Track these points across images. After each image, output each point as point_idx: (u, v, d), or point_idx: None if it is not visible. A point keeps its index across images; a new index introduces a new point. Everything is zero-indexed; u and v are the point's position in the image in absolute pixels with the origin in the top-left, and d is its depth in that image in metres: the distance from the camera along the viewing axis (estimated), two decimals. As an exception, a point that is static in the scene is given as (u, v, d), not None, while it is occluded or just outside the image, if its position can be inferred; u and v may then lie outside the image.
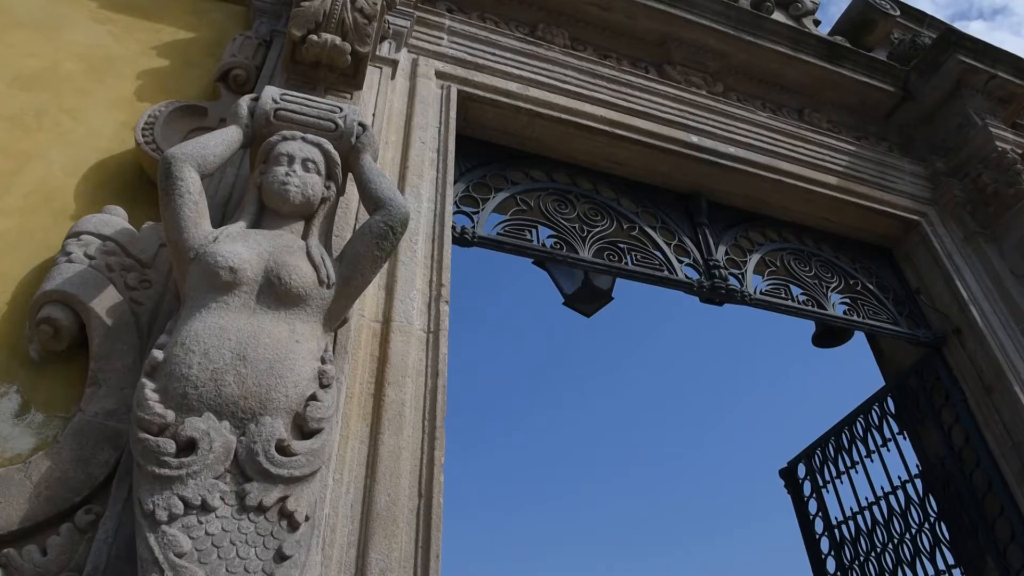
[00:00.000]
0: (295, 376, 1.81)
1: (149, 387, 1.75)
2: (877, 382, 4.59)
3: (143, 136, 2.67)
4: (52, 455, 1.90)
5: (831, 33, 5.34)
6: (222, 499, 1.64)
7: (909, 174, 4.61)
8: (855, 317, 4.12)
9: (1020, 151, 4.45)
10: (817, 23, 5.45)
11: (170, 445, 1.67)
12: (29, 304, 2.18)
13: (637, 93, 3.98)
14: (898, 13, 5.35)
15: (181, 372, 1.74)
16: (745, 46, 4.44)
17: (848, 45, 4.92)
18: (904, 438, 4.25)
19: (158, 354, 1.81)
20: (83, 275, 2.19)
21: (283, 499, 1.69)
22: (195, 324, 1.83)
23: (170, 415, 1.70)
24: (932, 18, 5.58)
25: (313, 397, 1.82)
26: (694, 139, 3.98)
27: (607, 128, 3.80)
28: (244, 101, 2.35)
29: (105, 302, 2.17)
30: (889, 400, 4.40)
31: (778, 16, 5.03)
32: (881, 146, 4.73)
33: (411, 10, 3.45)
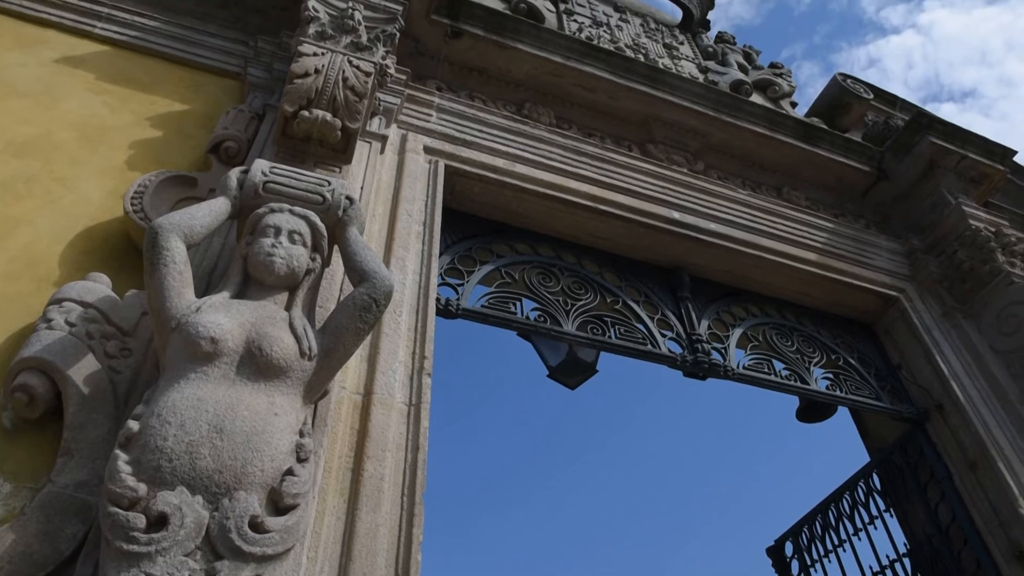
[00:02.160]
0: (272, 450, 1.79)
1: (122, 459, 1.72)
2: (862, 457, 4.57)
3: (132, 205, 2.70)
4: (17, 528, 1.84)
5: (808, 115, 5.55)
6: (191, 578, 1.59)
7: (886, 251, 4.71)
8: (838, 392, 4.13)
9: (993, 229, 4.57)
10: (794, 105, 5.66)
11: (140, 520, 1.63)
12: (5, 371, 2.16)
13: (620, 170, 4.09)
14: (871, 96, 5.58)
15: (156, 444, 1.72)
16: (725, 126, 4.59)
17: (824, 126, 5.10)
18: (891, 515, 4.21)
19: (133, 425, 1.79)
20: (62, 342, 2.18)
21: (255, 578, 1.64)
22: (173, 395, 1.82)
23: (142, 488, 1.67)
24: (904, 101, 5.82)
25: (290, 472, 1.79)
26: (676, 215, 4.07)
27: (591, 204, 3.88)
28: (234, 173, 2.40)
29: (83, 370, 2.15)
30: (874, 476, 4.37)
31: (756, 98, 5.23)
32: (859, 223, 4.85)
33: (402, 88, 3.56)
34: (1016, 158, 5.08)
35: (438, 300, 3.14)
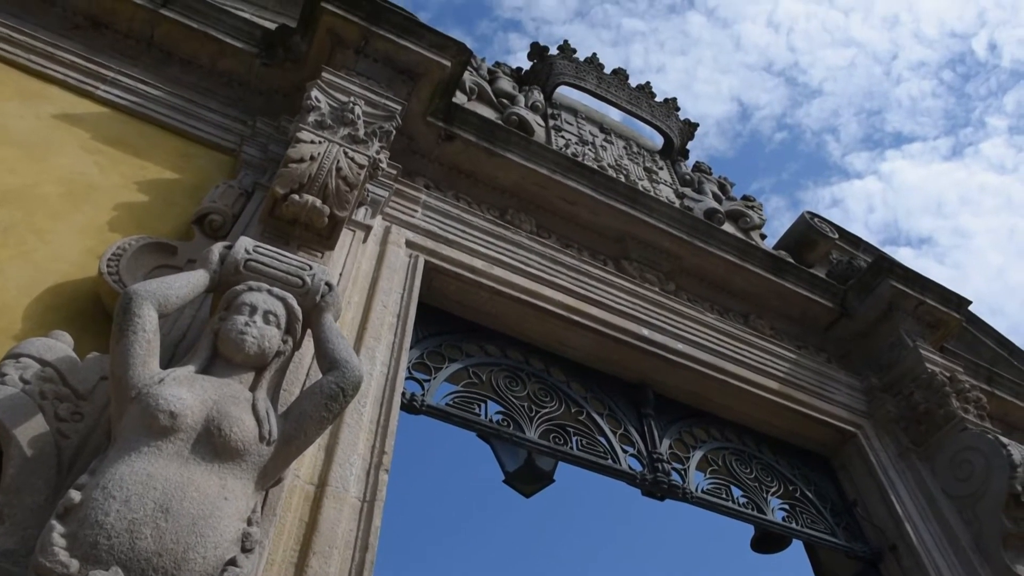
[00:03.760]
0: (217, 536, 1.72)
1: (58, 530, 1.64)
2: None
3: (108, 266, 2.68)
4: (-72, 598, 1.72)
5: (776, 247, 5.76)
6: (110, 670, 1.49)
7: (846, 386, 4.80)
8: (794, 525, 4.10)
9: (948, 374, 4.70)
10: (763, 237, 5.89)
11: (66, 600, 1.53)
12: (-53, 425, 2.06)
13: (594, 283, 4.19)
14: (836, 236, 5.83)
15: (96, 518, 1.64)
16: (697, 251, 4.75)
17: (791, 260, 5.30)
18: (842, 660, 4.09)
19: (75, 495, 1.71)
20: (13, 399, 2.10)
21: (179, 676, 1.54)
22: (121, 467, 1.76)
23: (74, 565, 1.58)
24: (867, 244, 6.10)
25: (232, 562, 1.72)
26: (645, 332, 4.14)
27: (564, 313, 3.95)
28: (217, 247, 2.41)
29: (30, 431, 2.07)
30: (827, 616, 4.27)
31: (728, 227, 5.44)
32: (820, 356, 4.96)
33: (391, 182, 3.65)
34: (971, 308, 5.29)
35: (404, 394, 3.11)
